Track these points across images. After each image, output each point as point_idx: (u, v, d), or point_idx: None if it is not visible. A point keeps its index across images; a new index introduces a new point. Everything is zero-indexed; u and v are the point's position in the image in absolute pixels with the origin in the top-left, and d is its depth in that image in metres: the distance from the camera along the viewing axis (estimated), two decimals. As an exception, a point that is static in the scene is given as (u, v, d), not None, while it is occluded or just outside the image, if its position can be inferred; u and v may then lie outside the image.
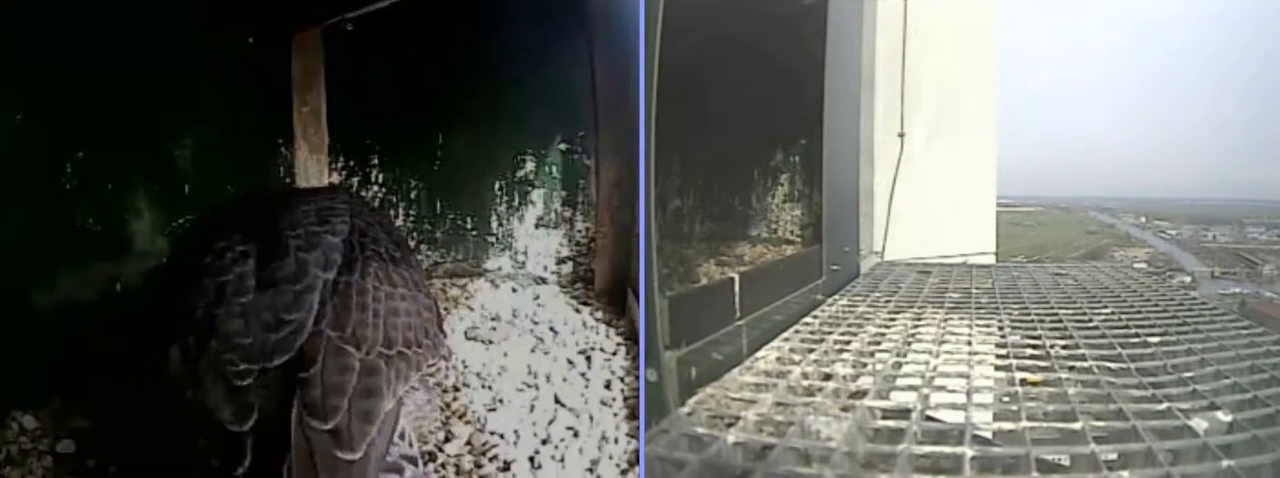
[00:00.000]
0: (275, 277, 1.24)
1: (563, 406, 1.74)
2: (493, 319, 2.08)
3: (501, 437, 1.64)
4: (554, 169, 2.36)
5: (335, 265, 1.27)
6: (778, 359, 1.67)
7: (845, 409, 1.33)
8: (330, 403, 1.09)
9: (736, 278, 1.96)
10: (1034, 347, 1.74)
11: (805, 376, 1.53)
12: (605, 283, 2.24)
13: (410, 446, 1.26)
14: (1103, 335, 1.83)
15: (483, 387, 1.79)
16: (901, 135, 3.58)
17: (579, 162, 2.34)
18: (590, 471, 1.58)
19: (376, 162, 2.36)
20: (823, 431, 1.26)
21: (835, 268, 2.74)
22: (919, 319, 2.07)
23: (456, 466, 1.56)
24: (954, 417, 1.30)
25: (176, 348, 1.19)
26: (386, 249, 1.40)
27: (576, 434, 1.66)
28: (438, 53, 2.26)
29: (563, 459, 1.60)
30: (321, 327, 1.18)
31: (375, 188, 2.37)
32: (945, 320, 2.06)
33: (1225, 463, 1.08)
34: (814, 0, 2.70)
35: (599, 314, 2.10)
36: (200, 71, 1.96)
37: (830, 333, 1.87)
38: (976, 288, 2.58)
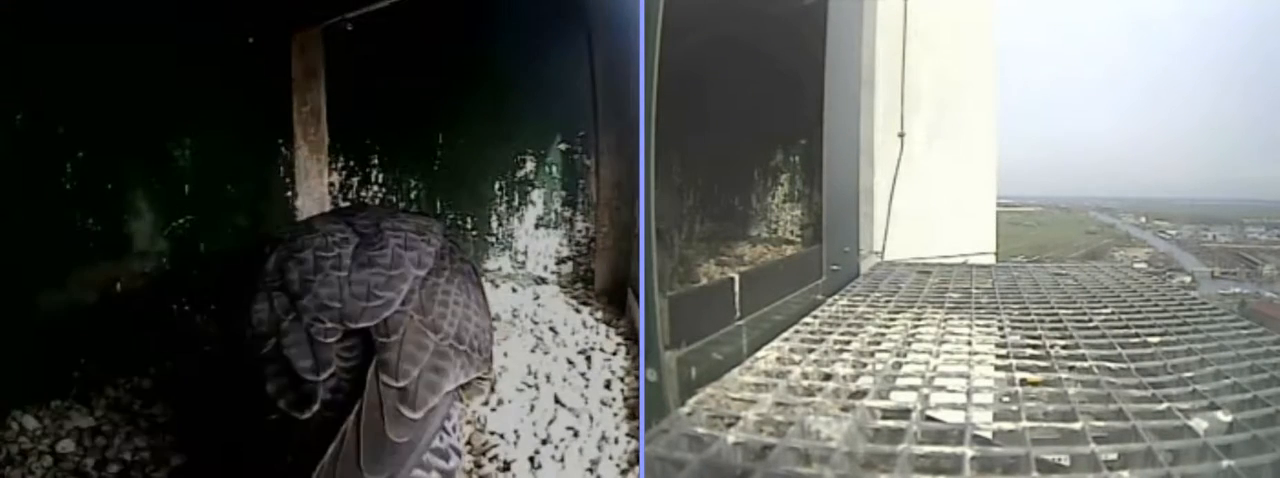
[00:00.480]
0: (373, 261, 1.41)
1: (563, 406, 1.74)
2: (493, 319, 2.08)
3: (501, 437, 1.64)
4: (554, 169, 2.36)
5: (427, 267, 1.43)
6: (778, 359, 1.67)
7: (845, 409, 1.33)
8: (404, 367, 1.23)
9: (736, 278, 1.96)
10: (1034, 347, 1.74)
11: (805, 376, 1.53)
12: (605, 283, 2.24)
13: (457, 440, 1.35)
14: (1103, 335, 1.83)
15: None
16: (901, 135, 3.58)
17: (579, 162, 2.34)
18: (590, 471, 1.58)
19: (376, 162, 2.36)
20: (823, 431, 1.26)
21: (835, 268, 2.74)
22: (919, 319, 2.07)
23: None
24: (954, 417, 1.30)
25: (267, 302, 1.34)
26: (468, 270, 1.60)
27: (576, 434, 1.66)
28: (438, 53, 2.26)
29: (563, 459, 1.59)
30: (407, 309, 1.33)
31: (375, 188, 2.37)
32: (945, 320, 2.06)
33: (1225, 463, 1.08)
34: (814, 0, 2.70)
35: (599, 314, 2.10)
36: (200, 71, 1.96)
37: (830, 333, 1.87)
38: (976, 288, 2.58)
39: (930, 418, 1.29)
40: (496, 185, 2.37)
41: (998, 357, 1.68)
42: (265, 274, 1.43)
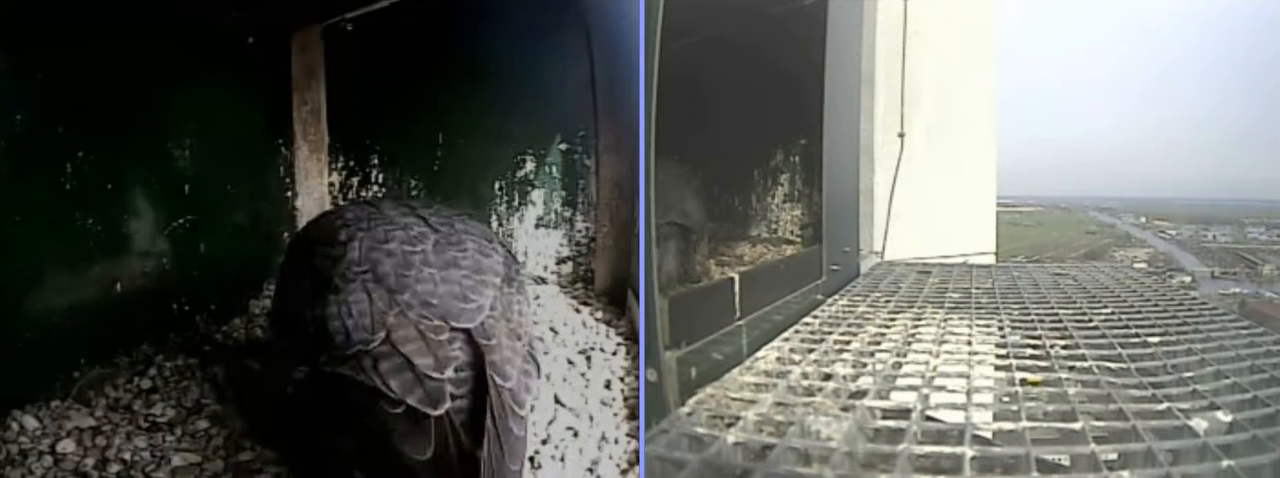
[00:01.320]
0: (457, 261, 1.43)
1: (563, 406, 1.74)
2: (493, 319, 2.08)
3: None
4: (554, 169, 2.36)
5: (500, 275, 1.48)
6: (778, 359, 1.67)
7: (845, 409, 1.33)
8: (508, 368, 1.31)
9: (736, 278, 1.96)
10: (1034, 347, 1.74)
11: (805, 375, 1.53)
12: (605, 283, 2.24)
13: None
14: (1103, 335, 1.83)
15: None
16: (901, 135, 3.58)
17: (579, 162, 2.34)
18: (590, 471, 1.58)
19: (376, 162, 2.36)
20: (823, 431, 1.26)
21: (835, 268, 2.74)
22: (919, 319, 2.07)
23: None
24: (954, 417, 1.30)
25: (364, 293, 1.33)
26: (525, 281, 1.64)
27: (576, 434, 1.66)
28: (438, 52, 2.26)
29: (563, 459, 1.60)
30: (495, 314, 1.39)
31: (375, 188, 2.37)
32: (945, 321, 2.06)
33: (1225, 463, 1.08)
34: (814, 0, 2.70)
35: (599, 314, 2.10)
36: (200, 71, 1.96)
37: (830, 333, 1.87)
38: (976, 288, 2.58)
39: (930, 418, 1.29)
40: (496, 185, 2.37)
41: (998, 357, 1.68)
42: (352, 263, 1.39)
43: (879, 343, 1.81)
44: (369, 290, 1.34)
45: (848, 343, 1.78)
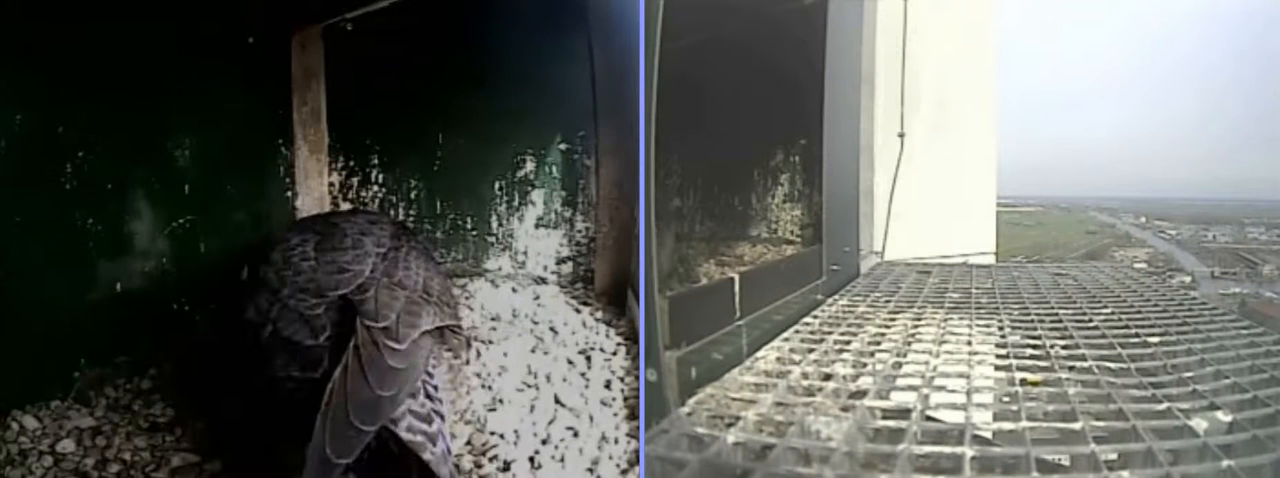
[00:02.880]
0: (335, 246, 1.60)
1: (563, 406, 1.74)
2: (493, 319, 2.08)
3: (501, 437, 1.64)
4: (554, 169, 2.36)
5: (385, 246, 1.63)
6: (778, 359, 1.67)
7: (845, 409, 1.33)
8: (382, 311, 1.44)
9: (736, 278, 1.96)
10: (1034, 347, 1.74)
11: (805, 376, 1.53)
12: (605, 283, 2.23)
13: (440, 404, 1.45)
14: (1103, 335, 1.83)
15: (483, 387, 1.79)
16: (901, 135, 3.58)
17: (579, 162, 2.34)
18: (590, 471, 1.58)
19: (376, 162, 2.36)
20: (823, 431, 1.26)
21: (835, 268, 2.74)
22: (919, 319, 2.07)
23: (457, 465, 1.56)
24: (954, 417, 1.30)
25: (252, 303, 1.51)
26: (422, 245, 1.78)
27: (576, 434, 1.66)
28: (438, 52, 2.26)
29: (563, 459, 1.60)
30: (376, 276, 1.53)
31: (375, 188, 2.37)
32: (945, 321, 2.06)
33: (1225, 463, 1.08)
34: (814, 0, 2.70)
35: (599, 314, 2.10)
36: (200, 71, 1.96)
37: (830, 333, 1.87)
38: (976, 288, 2.58)
39: (930, 418, 1.29)
40: (496, 185, 2.37)
41: (998, 357, 1.68)
42: (242, 285, 1.59)
43: (879, 343, 1.81)
44: (256, 299, 1.52)
45: (848, 343, 1.78)
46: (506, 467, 1.57)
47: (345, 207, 2.35)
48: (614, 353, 1.92)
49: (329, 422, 1.24)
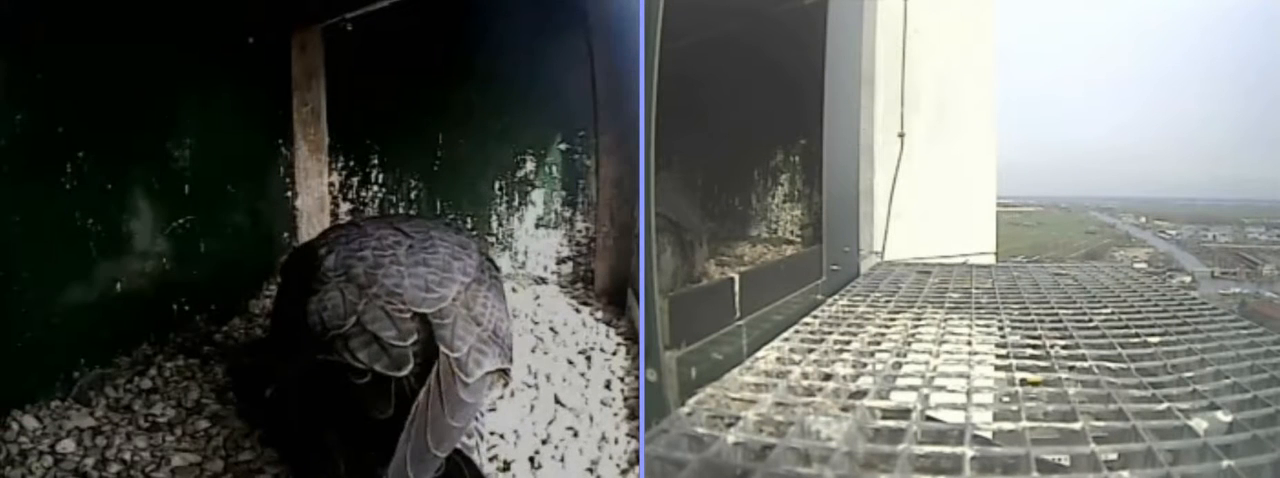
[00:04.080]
0: (426, 261, 1.62)
1: (563, 406, 1.74)
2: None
3: (501, 437, 1.64)
4: (554, 169, 2.36)
5: (470, 276, 1.65)
6: (778, 359, 1.67)
7: (845, 409, 1.33)
8: (458, 342, 1.48)
9: (736, 278, 1.96)
10: (1034, 347, 1.74)
11: (805, 376, 1.53)
12: (605, 283, 2.24)
13: (482, 424, 1.53)
14: (1103, 335, 1.83)
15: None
16: (901, 135, 3.57)
17: (579, 162, 2.34)
18: (590, 471, 1.58)
19: (376, 162, 2.36)
20: (823, 431, 1.26)
21: (835, 268, 2.74)
22: (919, 319, 2.07)
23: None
24: (954, 417, 1.30)
25: (337, 292, 1.53)
26: (500, 284, 1.80)
27: (576, 434, 1.66)
28: (438, 53, 2.26)
29: (563, 459, 1.60)
30: (457, 305, 1.56)
31: (375, 188, 2.37)
32: (945, 320, 2.06)
33: (1225, 463, 1.08)
34: (814, 0, 2.70)
35: (599, 314, 2.10)
36: (200, 71, 1.96)
37: (830, 333, 1.87)
38: (976, 288, 2.58)
39: (930, 418, 1.28)
40: (496, 185, 2.37)
41: (998, 357, 1.68)
42: (328, 270, 1.59)
43: (879, 343, 1.81)
44: (341, 289, 1.54)
45: (848, 343, 1.78)
46: (506, 467, 1.57)
47: (345, 207, 2.36)
48: (614, 353, 1.92)
49: (411, 445, 1.31)
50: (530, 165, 2.36)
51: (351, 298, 1.51)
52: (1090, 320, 2.02)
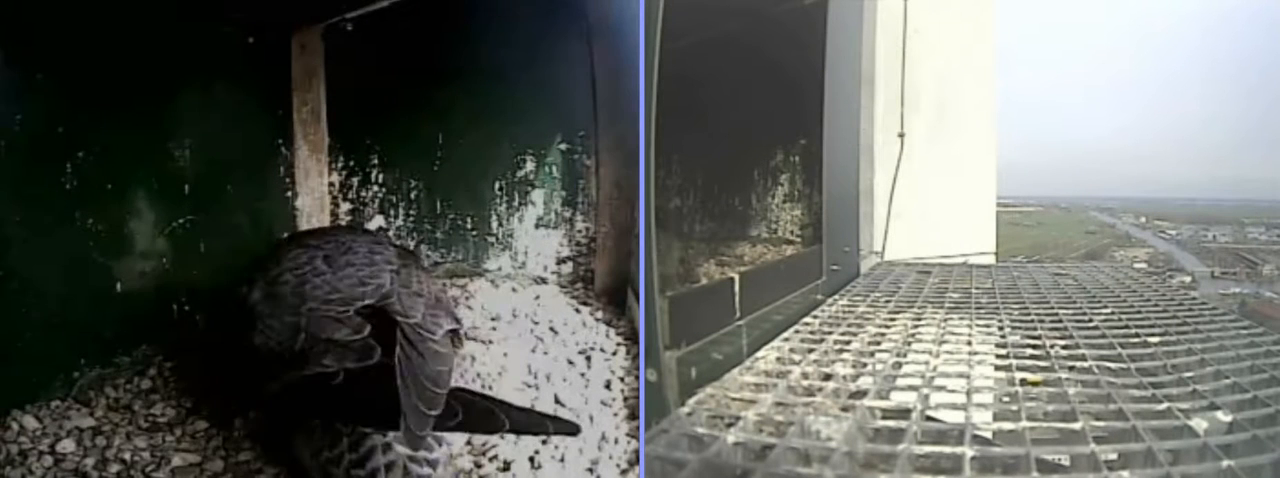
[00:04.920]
0: (349, 262, 1.66)
1: (563, 406, 1.74)
2: (493, 319, 2.08)
3: (501, 437, 1.64)
4: (554, 169, 2.36)
5: (394, 264, 1.70)
6: (778, 359, 1.67)
7: (845, 409, 1.33)
8: (411, 311, 1.56)
9: (736, 278, 1.96)
10: (1034, 347, 1.74)
11: (805, 376, 1.53)
12: (605, 283, 2.23)
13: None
14: (1103, 335, 1.83)
15: (483, 387, 1.79)
16: (901, 135, 3.58)
17: (579, 162, 2.34)
18: (590, 471, 1.58)
19: (376, 162, 2.36)
20: (823, 431, 1.26)
21: (835, 268, 2.74)
22: (919, 319, 2.07)
23: (456, 465, 1.56)
24: (954, 417, 1.30)
25: (275, 320, 1.55)
26: (425, 269, 1.88)
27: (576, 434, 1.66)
28: (438, 52, 2.26)
29: (563, 459, 1.60)
30: (395, 285, 1.63)
31: (375, 188, 2.37)
32: (945, 320, 2.06)
33: (1225, 463, 1.08)
34: (814, 0, 2.70)
35: (599, 314, 2.10)
36: (201, 71, 1.96)
37: (830, 333, 1.87)
38: (976, 288, 2.58)
39: (930, 418, 1.29)
40: (496, 185, 2.37)
41: (998, 357, 1.68)
42: (256, 303, 1.61)
43: (879, 343, 1.81)
44: (278, 316, 1.56)
45: (848, 343, 1.78)
46: (506, 467, 1.57)
47: (345, 207, 2.35)
48: (614, 353, 1.92)
49: (411, 386, 1.38)
50: (530, 165, 2.36)
51: (290, 319, 1.54)
52: (1090, 320, 2.02)
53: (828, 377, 1.54)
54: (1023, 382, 1.47)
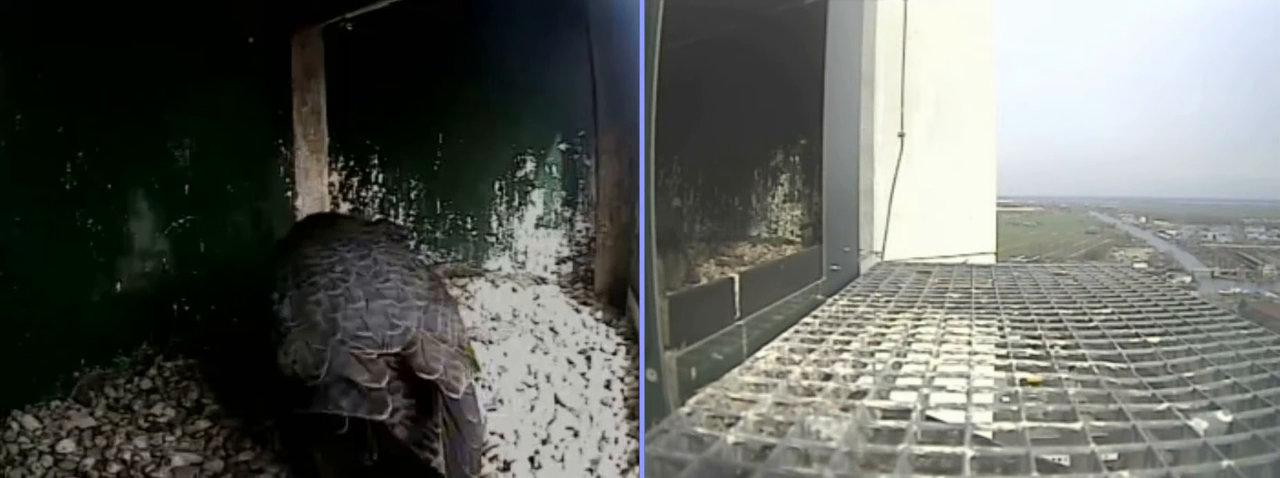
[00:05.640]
0: (381, 293, 1.62)
1: (563, 406, 1.74)
2: (493, 319, 2.08)
3: (501, 437, 1.64)
4: (554, 169, 2.36)
5: (423, 299, 1.65)
6: (778, 359, 1.67)
7: (845, 409, 1.33)
8: (433, 364, 1.51)
9: (736, 278, 1.96)
10: (1034, 347, 1.74)
11: (805, 376, 1.53)
12: (605, 283, 2.23)
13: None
14: (1103, 335, 1.83)
15: (483, 387, 1.79)
16: (901, 135, 3.58)
17: (579, 162, 2.34)
18: (590, 471, 1.58)
19: (376, 162, 2.36)
20: (823, 431, 1.26)
21: (835, 268, 2.74)
22: (919, 319, 2.07)
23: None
24: (954, 417, 1.30)
25: (302, 343, 1.52)
26: (451, 298, 1.79)
27: (576, 434, 1.66)
28: (438, 53, 2.26)
29: (563, 459, 1.60)
30: (420, 329, 1.58)
31: (375, 188, 2.37)
32: (945, 320, 2.06)
33: (1225, 463, 1.08)
34: (814, 0, 2.70)
35: (599, 314, 2.10)
36: (201, 71, 1.96)
37: (830, 333, 1.87)
38: (976, 288, 2.58)
39: (930, 418, 1.29)
40: (496, 185, 2.37)
41: (998, 357, 1.68)
42: (286, 320, 1.57)
43: (879, 343, 1.81)
44: (305, 339, 1.52)
45: (848, 343, 1.78)
46: (506, 467, 1.57)
47: (345, 207, 2.36)
48: (614, 353, 1.92)
49: (452, 470, 1.40)
50: (530, 165, 2.36)
51: (318, 346, 1.51)
52: (1090, 320, 2.02)
53: (828, 377, 1.54)
54: (1023, 382, 1.47)
